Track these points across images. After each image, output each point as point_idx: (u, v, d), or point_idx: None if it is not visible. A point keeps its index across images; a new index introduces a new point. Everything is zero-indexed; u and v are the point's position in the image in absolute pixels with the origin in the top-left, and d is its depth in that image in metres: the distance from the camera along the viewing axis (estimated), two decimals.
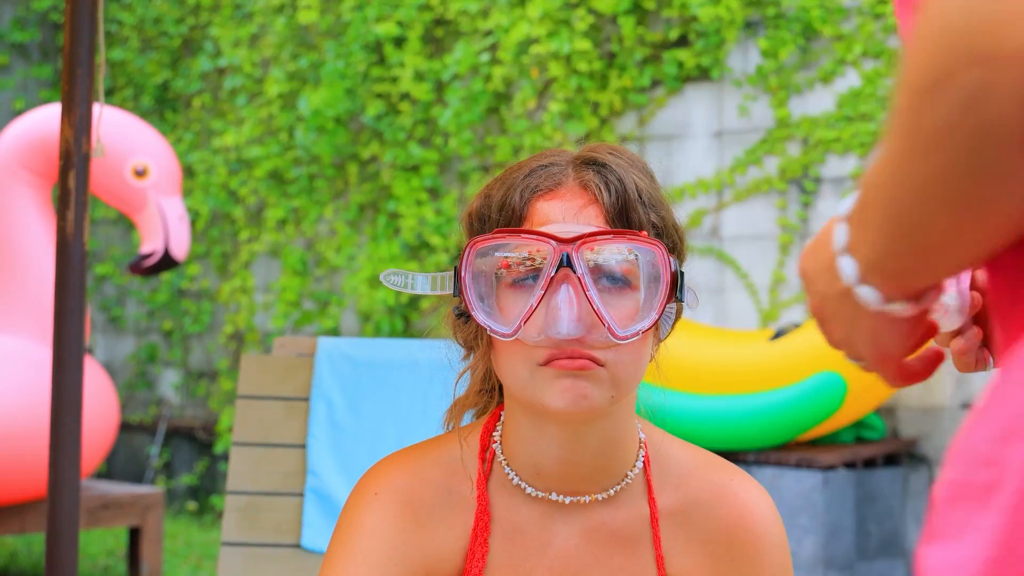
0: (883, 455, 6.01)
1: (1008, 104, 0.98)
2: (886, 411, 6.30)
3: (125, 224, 9.29)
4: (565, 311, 1.80)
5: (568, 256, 1.81)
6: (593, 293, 1.81)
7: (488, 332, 1.84)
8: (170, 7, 9.05)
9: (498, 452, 1.93)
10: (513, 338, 1.81)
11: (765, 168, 6.75)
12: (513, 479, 1.89)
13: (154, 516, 5.95)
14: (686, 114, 7.11)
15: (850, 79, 6.53)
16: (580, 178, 1.89)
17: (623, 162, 1.90)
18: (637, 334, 1.81)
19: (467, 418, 2.03)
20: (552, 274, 1.81)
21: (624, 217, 1.86)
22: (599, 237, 1.81)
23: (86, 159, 3.46)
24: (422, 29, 7.88)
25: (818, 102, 6.66)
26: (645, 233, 1.84)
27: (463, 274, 1.87)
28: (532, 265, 1.83)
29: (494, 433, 1.95)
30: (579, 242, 1.80)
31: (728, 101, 6.94)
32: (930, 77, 1.02)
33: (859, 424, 6.15)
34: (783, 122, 6.71)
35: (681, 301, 1.87)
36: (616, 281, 1.84)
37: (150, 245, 5.88)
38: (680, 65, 7.07)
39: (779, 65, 6.73)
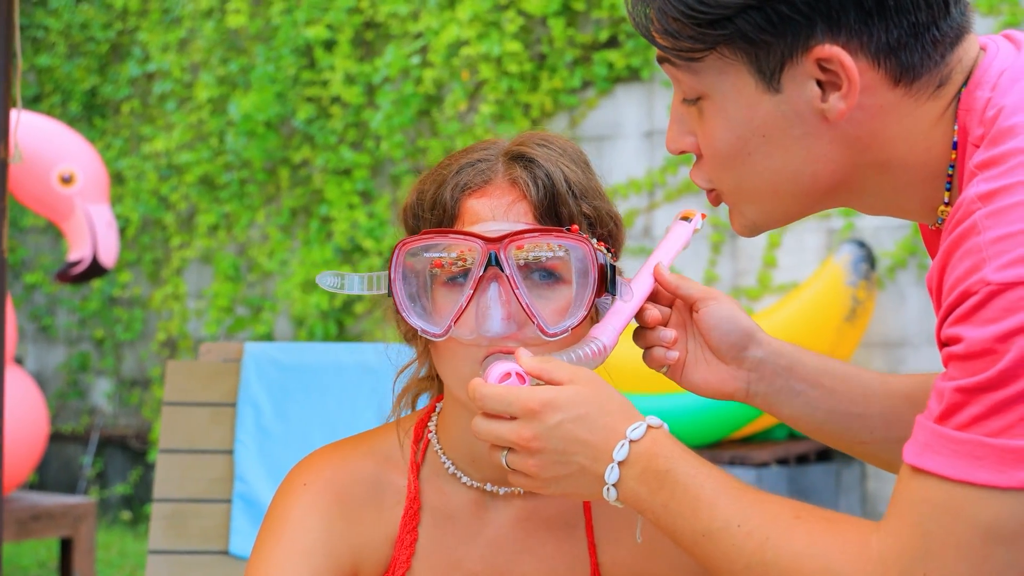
0: (815, 451, 6.05)
1: None
2: None
3: (54, 233, 9.22)
4: (494, 310, 1.82)
5: (495, 255, 1.82)
6: (522, 291, 1.82)
7: (419, 333, 1.85)
8: (97, 12, 9.02)
9: (434, 441, 1.94)
10: (444, 338, 1.82)
11: None
12: (449, 468, 1.91)
13: (86, 526, 5.90)
14: (617, 115, 7.13)
15: None
16: (509, 174, 1.90)
17: (553, 153, 1.92)
18: (567, 330, 1.82)
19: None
20: (480, 274, 1.82)
21: (553, 212, 1.87)
22: (525, 235, 1.82)
23: (3, 166, 3.41)
24: (352, 32, 7.86)
25: None
26: (576, 227, 1.84)
27: (393, 275, 1.87)
28: (463, 265, 1.84)
29: (429, 424, 1.96)
30: (506, 241, 1.81)
31: (659, 101, 6.95)
32: None
33: None
34: None
35: (613, 295, 1.87)
36: (547, 276, 1.85)
37: (78, 253, 5.81)
38: (610, 66, 7.08)
39: None
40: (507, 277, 1.82)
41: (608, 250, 1.93)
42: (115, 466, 8.82)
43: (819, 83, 1.57)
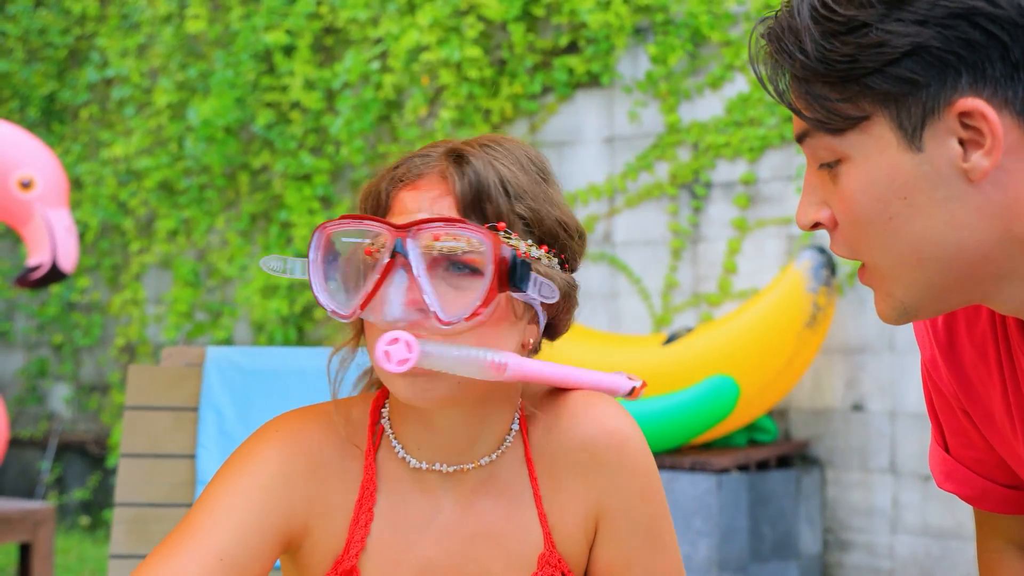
0: (776, 457, 6.08)
1: None
2: (778, 414, 6.38)
3: (12, 237, 9.22)
4: (393, 296, 1.86)
5: (401, 243, 1.86)
6: (423, 279, 1.85)
7: (328, 314, 1.90)
8: (56, 17, 9.00)
9: (387, 427, 1.97)
10: (351, 320, 1.89)
11: (656, 173, 6.85)
12: (399, 452, 1.94)
13: (45, 532, 5.88)
14: (577, 120, 7.18)
15: (739, 84, 6.67)
16: (441, 170, 1.94)
17: (499, 152, 1.95)
18: (460, 321, 1.86)
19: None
20: (386, 260, 1.86)
21: (478, 207, 1.90)
22: (427, 224, 1.86)
23: None
24: (311, 37, 7.89)
25: (707, 107, 6.76)
26: (502, 224, 1.89)
27: (311, 256, 1.92)
28: (373, 252, 1.90)
29: (383, 409, 1.99)
30: (413, 229, 1.85)
31: (619, 107, 7.01)
32: None
33: (752, 427, 6.22)
34: (673, 127, 6.81)
35: (522, 290, 1.89)
36: (462, 268, 1.88)
37: (37, 258, 5.78)
38: (570, 72, 7.14)
39: (668, 71, 6.83)
40: (409, 264, 1.86)
41: (555, 255, 1.96)
42: (73, 471, 8.79)
43: (961, 142, 1.56)
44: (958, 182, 1.57)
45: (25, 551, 5.94)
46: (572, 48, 7.18)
